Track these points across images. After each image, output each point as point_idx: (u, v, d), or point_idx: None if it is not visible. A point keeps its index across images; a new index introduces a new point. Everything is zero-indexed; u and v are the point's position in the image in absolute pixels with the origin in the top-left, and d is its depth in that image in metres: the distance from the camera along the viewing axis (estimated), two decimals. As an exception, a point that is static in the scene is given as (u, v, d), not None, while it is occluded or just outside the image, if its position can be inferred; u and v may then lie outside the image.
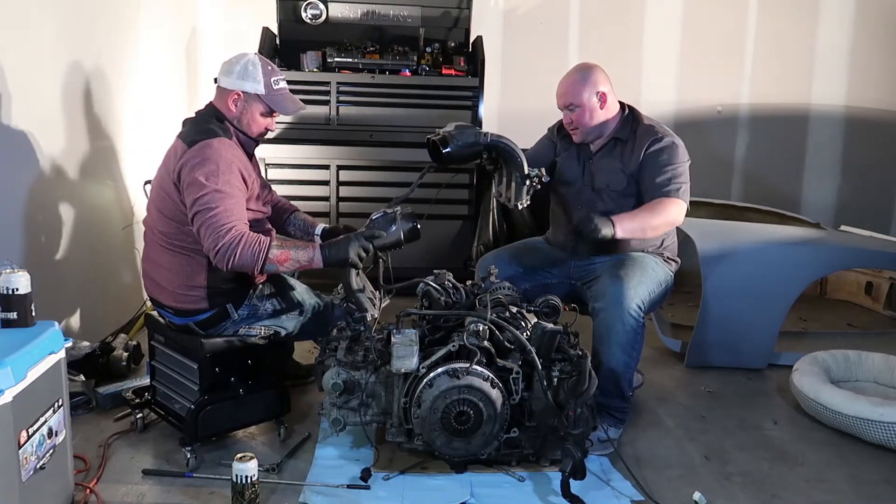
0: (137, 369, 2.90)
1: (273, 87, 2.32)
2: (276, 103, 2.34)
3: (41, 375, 1.73)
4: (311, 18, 4.12)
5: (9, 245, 2.44)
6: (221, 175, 2.16)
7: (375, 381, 2.23)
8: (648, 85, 5.01)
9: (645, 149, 2.56)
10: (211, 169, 2.15)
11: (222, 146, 2.22)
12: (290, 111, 2.39)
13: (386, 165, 4.01)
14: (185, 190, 2.17)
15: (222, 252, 2.12)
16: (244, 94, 2.31)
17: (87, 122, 3.05)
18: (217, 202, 2.13)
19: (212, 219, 2.12)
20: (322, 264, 2.23)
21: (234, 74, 2.30)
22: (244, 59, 2.32)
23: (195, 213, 2.14)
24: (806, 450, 2.49)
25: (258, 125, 2.36)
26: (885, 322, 4.09)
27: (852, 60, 5.11)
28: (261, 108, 2.33)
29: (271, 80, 2.31)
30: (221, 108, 2.33)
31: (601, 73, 2.62)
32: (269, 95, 2.31)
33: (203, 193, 2.13)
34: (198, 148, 2.19)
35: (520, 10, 4.86)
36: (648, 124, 2.63)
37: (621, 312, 2.39)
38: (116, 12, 3.34)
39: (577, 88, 2.58)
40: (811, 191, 5.25)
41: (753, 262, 3.16)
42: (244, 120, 2.34)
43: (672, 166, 2.54)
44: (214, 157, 2.17)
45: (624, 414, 2.54)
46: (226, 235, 2.12)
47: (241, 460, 1.93)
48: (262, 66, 2.31)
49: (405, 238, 2.29)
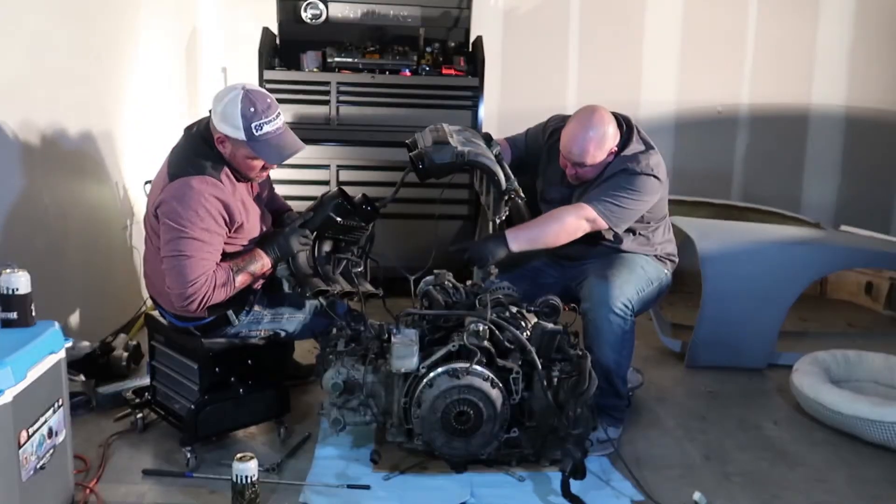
0: (137, 369, 2.89)
1: (255, 132, 2.10)
2: (258, 152, 2.13)
3: (41, 375, 1.73)
4: (311, 18, 4.11)
5: (9, 245, 2.44)
6: (199, 221, 2.08)
7: (375, 381, 2.24)
8: (648, 85, 5.00)
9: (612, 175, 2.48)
10: (187, 214, 2.07)
11: (204, 186, 2.10)
12: (273, 160, 2.17)
13: (386, 165, 4.00)
14: (161, 227, 2.14)
15: (189, 302, 2.11)
16: (228, 137, 2.14)
17: (87, 122, 3.04)
18: (189, 251, 2.08)
19: (181, 268, 2.09)
20: (273, 264, 2.28)
21: (218, 115, 2.12)
22: (228, 95, 2.12)
23: (165, 256, 2.12)
24: (806, 450, 2.50)
25: (249, 167, 2.21)
26: (885, 322, 4.09)
27: (852, 60, 5.10)
28: (246, 153, 2.16)
29: (252, 125, 2.09)
30: (215, 141, 2.18)
31: (612, 125, 2.46)
32: (251, 143, 2.11)
33: (174, 238, 2.09)
34: (178, 185, 2.10)
35: (520, 10, 4.86)
36: (631, 154, 2.48)
37: (607, 312, 2.40)
38: (116, 12, 3.34)
39: (592, 152, 2.42)
40: (811, 191, 5.25)
41: (753, 262, 3.16)
42: (234, 162, 2.19)
43: (620, 188, 2.43)
44: (192, 202, 2.08)
45: (622, 413, 2.54)
46: (192, 286, 2.09)
47: (241, 460, 1.93)
48: (244, 107, 2.09)
49: (336, 214, 2.32)
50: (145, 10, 3.61)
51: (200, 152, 2.18)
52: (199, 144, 2.20)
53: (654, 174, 2.48)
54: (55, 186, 2.79)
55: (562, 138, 2.50)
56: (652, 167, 2.48)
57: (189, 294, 2.10)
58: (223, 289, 2.16)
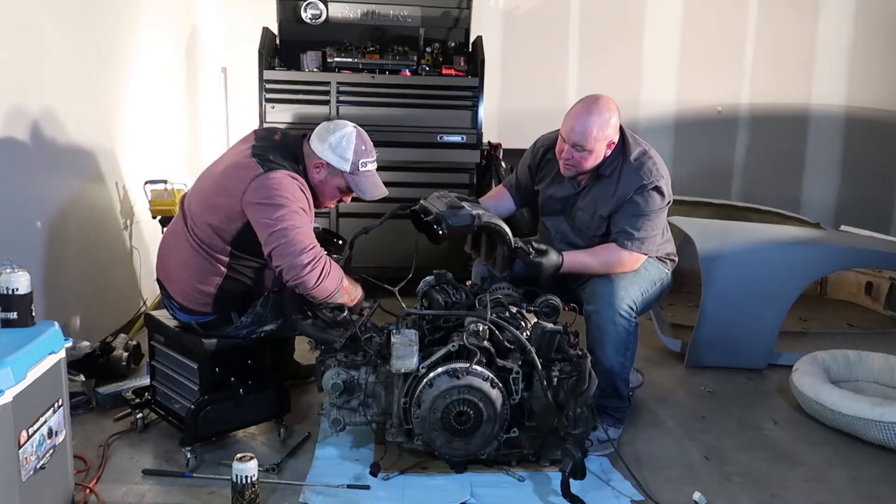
0: (137, 369, 2.89)
1: (360, 168, 2.30)
2: (357, 185, 2.32)
3: (41, 375, 1.73)
4: (311, 18, 4.12)
5: (9, 245, 2.44)
6: (296, 201, 2.16)
7: (375, 381, 2.24)
8: (648, 85, 5.01)
9: (627, 196, 2.45)
10: (288, 193, 2.14)
11: (295, 181, 2.19)
12: (367, 196, 2.35)
13: (386, 165, 3.95)
14: (257, 208, 2.13)
15: (310, 269, 2.10)
16: (329, 166, 2.29)
17: (88, 122, 3.05)
18: (298, 222, 2.13)
19: (294, 236, 2.11)
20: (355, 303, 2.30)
21: (327, 144, 2.28)
22: (343, 130, 2.29)
23: (272, 232, 2.10)
24: (806, 450, 2.50)
25: (332, 197, 2.37)
26: (885, 322, 4.09)
27: (852, 60, 5.11)
28: (340, 184, 2.33)
29: (360, 161, 2.29)
30: (307, 165, 2.30)
31: (616, 115, 2.45)
32: (352, 175, 2.30)
33: (279, 215, 2.11)
34: (272, 174, 2.15)
35: (520, 10, 4.86)
36: (637, 157, 2.47)
37: (612, 313, 2.40)
38: (116, 12, 3.34)
39: (594, 134, 2.39)
40: (811, 191, 5.25)
41: (753, 262, 3.16)
42: (320, 189, 2.32)
43: (645, 217, 2.45)
44: (291, 186, 2.16)
45: (622, 413, 2.54)
46: (311, 251, 2.12)
47: (241, 460, 1.93)
48: (357, 144, 2.29)
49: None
50: (145, 10, 3.61)
51: (287, 159, 2.25)
52: (285, 154, 2.27)
53: (665, 179, 2.48)
54: (55, 186, 2.79)
55: (565, 120, 2.47)
56: (660, 171, 2.48)
57: (308, 261, 2.11)
58: (334, 279, 2.19)
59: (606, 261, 2.48)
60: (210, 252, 2.23)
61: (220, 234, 2.20)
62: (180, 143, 4.24)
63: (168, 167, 3.68)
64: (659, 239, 2.56)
